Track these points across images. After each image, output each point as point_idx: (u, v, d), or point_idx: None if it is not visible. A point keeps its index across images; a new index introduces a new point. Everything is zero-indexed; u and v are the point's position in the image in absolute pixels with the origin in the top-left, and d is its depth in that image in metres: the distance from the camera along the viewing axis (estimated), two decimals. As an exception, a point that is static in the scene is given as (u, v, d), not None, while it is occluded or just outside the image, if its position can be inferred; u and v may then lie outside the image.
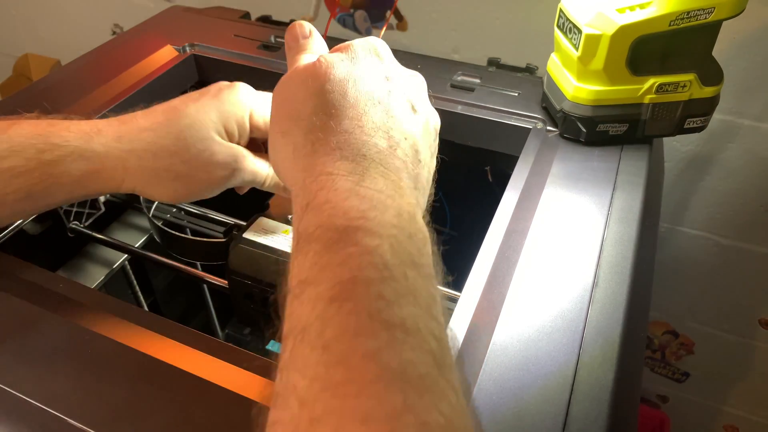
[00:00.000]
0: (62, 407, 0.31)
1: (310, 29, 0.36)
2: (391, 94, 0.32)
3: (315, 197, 0.26)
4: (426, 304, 0.24)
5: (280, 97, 0.33)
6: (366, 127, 0.29)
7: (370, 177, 0.27)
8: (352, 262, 0.23)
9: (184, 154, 0.39)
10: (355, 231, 0.24)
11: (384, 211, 0.26)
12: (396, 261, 0.24)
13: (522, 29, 0.77)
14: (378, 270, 0.23)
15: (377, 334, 0.21)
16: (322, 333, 0.21)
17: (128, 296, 0.61)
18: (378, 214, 0.25)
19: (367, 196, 0.26)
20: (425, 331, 0.22)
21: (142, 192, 0.40)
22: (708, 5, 0.45)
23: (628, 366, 0.35)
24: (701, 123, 0.52)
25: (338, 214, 0.25)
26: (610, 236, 0.43)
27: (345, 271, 0.23)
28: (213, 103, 0.41)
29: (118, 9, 1.07)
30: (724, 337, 0.96)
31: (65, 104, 0.54)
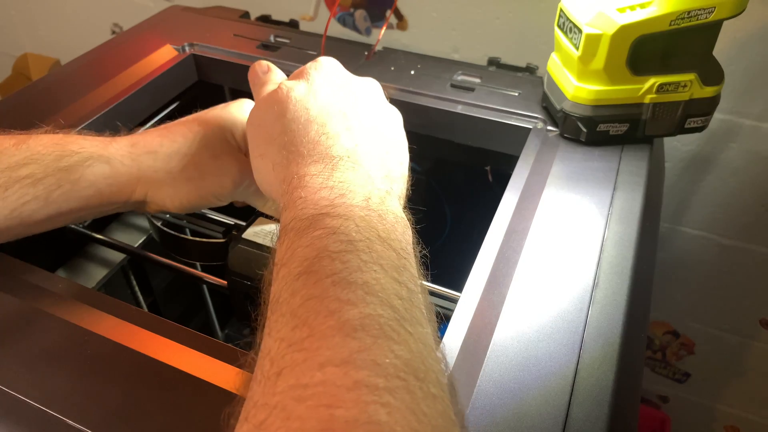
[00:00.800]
0: (61, 408, 0.31)
1: (268, 65, 0.40)
2: (348, 100, 0.35)
3: (290, 196, 0.29)
4: (392, 270, 0.26)
5: (253, 125, 0.36)
6: (331, 133, 0.33)
7: (340, 171, 0.30)
8: (318, 243, 0.26)
9: (196, 157, 0.41)
10: (323, 217, 0.27)
11: (352, 197, 0.28)
12: (361, 237, 0.26)
13: (522, 29, 0.77)
14: (342, 244, 0.25)
15: (338, 295, 0.23)
16: (289, 301, 0.24)
17: (128, 296, 0.61)
18: (346, 200, 0.28)
19: (336, 187, 0.29)
20: (389, 291, 0.24)
21: (153, 198, 0.41)
22: (708, 5, 0.45)
23: (628, 366, 0.35)
24: (702, 123, 0.52)
25: (309, 206, 0.28)
26: (611, 236, 0.43)
27: (311, 250, 0.25)
28: (223, 114, 0.44)
29: (117, 8, 1.07)
30: (724, 337, 0.96)
31: (65, 104, 0.54)
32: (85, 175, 0.39)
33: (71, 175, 0.38)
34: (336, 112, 0.34)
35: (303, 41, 0.65)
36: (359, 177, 0.30)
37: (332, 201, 0.28)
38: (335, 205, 0.28)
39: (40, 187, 0.38)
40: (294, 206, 0.29)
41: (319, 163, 0.31)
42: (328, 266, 0.24)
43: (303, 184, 0.30)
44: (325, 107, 0.34)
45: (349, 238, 0.26)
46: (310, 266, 0.25)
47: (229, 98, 0.70)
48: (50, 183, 0.38)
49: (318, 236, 0.26)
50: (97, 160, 0.39)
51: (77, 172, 0.39)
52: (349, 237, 0.26)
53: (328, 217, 0.27)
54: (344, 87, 0.36)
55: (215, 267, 0.47)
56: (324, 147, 0.32)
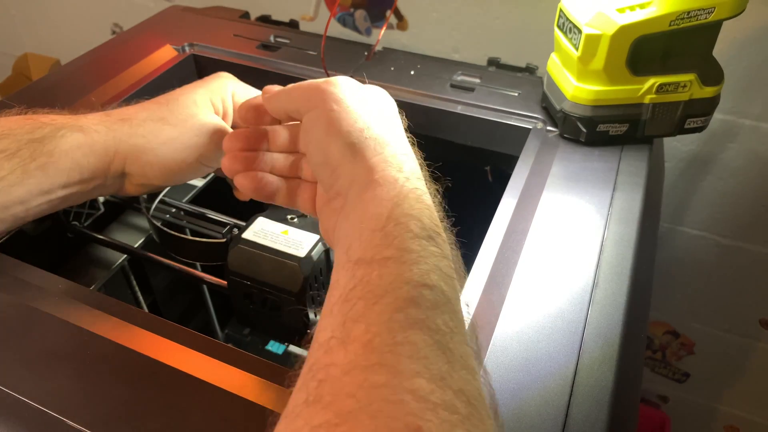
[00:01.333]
0: (61, 408, 0.31)
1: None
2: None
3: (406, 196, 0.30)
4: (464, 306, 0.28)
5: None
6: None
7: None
8: (432, 260, 0.27)
9: (172, 118, 0.41)
10: (437, 235, 0.28)
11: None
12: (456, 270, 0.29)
13: (522, 29, 0.77)
14: (448, 274, 0.27)
15: (438, 316, 0.25)
16: (394, 302, 0.24)
17: (128, 297, 0.61)
18: (445, 229, 0.31)
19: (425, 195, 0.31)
20: (465, 325, 0.26)
21: (133, 168, 0.41)
22: (708, 5, 0.45)
23: (628, 367, 0.35)
24: (701, 123, 0.52)
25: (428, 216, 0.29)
26: (610, 236, 0.43)
27: (425, 262, 0.26)
28: (199, 83, 0.44)
29: (117, 9, 1.07)
30: (724, 337, 0.96)
31: (65, 104, 0.54)
32: (60, 145, 0.38)
33: (45, 146, 0.38)
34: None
35: (303, 41, 0.65)
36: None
37: (441, 222, 0.30)
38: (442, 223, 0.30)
39: (16, 161, 0.37)
40: (410, 202, 0.29)
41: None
42: (438, 287, 0.26)
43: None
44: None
45: (454, 269, 0.28)
46: (425, 280, 0.25)
47: (229, 98, 0.70)
48: (25, 156, 0.37)
49: (433, 253, 0.27)
50: (70, 129, 0.39)
51: (51, 143, 0.38)
52: (455, 269, 0.28)
53: (440, 237, 0.28)
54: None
55: (215, 267, 0.47)
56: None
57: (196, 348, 0.35)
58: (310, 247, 0.42)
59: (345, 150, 0.32)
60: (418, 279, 0.25)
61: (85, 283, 0.54)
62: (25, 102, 0.50)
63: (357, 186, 0.31)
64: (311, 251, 0.42)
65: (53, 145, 0.38)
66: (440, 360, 0.22)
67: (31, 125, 0.38)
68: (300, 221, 0.45)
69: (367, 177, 0.30)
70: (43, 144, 0.38)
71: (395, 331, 0.23)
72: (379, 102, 0.35)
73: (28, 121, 0.38)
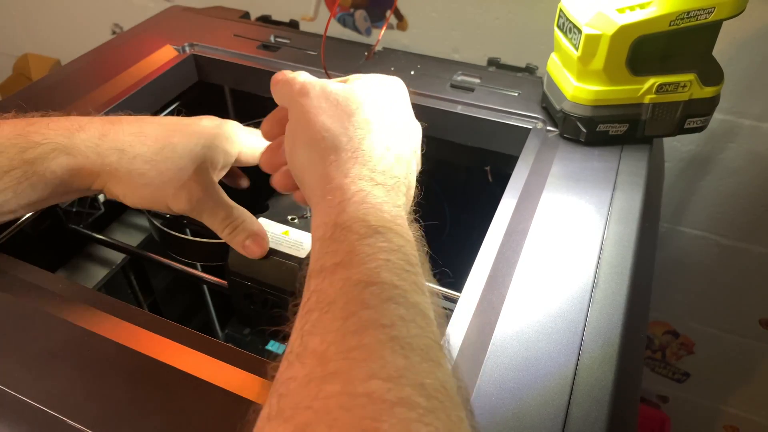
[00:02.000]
0: (61, 408, 0.31)
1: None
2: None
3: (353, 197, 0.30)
4: (430, 295, 0.28)
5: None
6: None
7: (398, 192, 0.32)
8: (381, 255, 0.27)
9: (162, 165, 0.41)
10: (387, 230, 0.28)
11: (404, 220, 0.30)
12: (415, 261, 0.28)
13: (522, 29, 0.77)
14: (400, 266, 0.27)
15: (391, 311, 0.24)
16: (344, 307, 0.25)
17: (128, 296, 0.61)
18: (402, 221, 0.30)
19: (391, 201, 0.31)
20: (432, 315, 0.26)
21: (110, 190, 0.41)
22: (708, 5, 0.45)
23: (627, 366, 0.35)
24: (701, 123, 0.52)
25: (372, 212, 0.29)
26: (610, 236, 0.43)
27: (372, 261, 0.26)
28: (207, 130, 0.43)
29: (118, 9, 1.07)
30: (724, 337, 0.96)
31: (65, 104, 0.54)
32: (50, 167, 0.39)
33: (37, 167, 0.39)
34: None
35: (303, 41, 0.65)
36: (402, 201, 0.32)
37: (393, 217, 0.29)
38: (397, 223, 0.29)
39: (7, 179, 0.38)
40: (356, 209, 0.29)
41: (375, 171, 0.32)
42: (389, 282, 0.25)
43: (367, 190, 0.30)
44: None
45: (408, 260, 0.27)
46: (372, 278, 0.25)
47: (230, 98, 0.70)
48: (17, 175, 0.38)
49: (382, 248, 0.27)
50: (62, 152, 0.39)
51: (42, 165, 0.39)
52: (409, 260, 0.27)
53: (391, 231, 0.28)
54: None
55: (215, 267, 0.47)
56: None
57: (196, 348, 0.35)
58: (310, 248, 0.42)
59: (305, 161, 0.33)
60: (367, 279, 0.25)
61: (85, 282, 0.54)
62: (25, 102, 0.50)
63: (314, 196, 0.32)
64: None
65: (44, 167, 0.39)
66: (396, 356, 0.22)
67: (24, 143, 0.39)
68: (300, 222, 0.45)
69: (321, 187, 0.31)
70: (34, 165, 0.39)
71: (348, 336, 0.23)
72: (351, 103, 0.34)
73: (20, 138, 0.39)
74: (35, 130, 0.40)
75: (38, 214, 0.49)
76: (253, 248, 0.41)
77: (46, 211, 0.49)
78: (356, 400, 0.21)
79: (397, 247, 0.27)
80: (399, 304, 0.25)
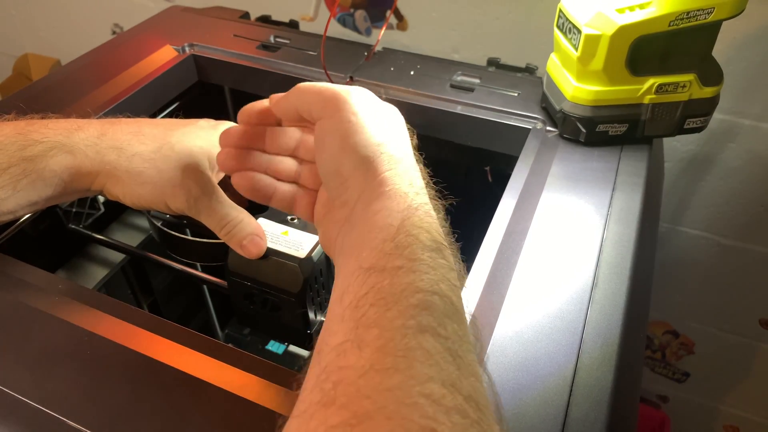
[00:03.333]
0: (60, 408, 0.31)
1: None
2: None
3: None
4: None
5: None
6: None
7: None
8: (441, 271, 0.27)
9: (160, 163, 0.41)
10: (444, 248, 0.29)
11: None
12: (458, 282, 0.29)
13: (522, 29, 0.77)
14: (455, 284, 0.28)
15: (448, 324, 0.25)
16: (406, 310, 0.25)
17: (128, 296, 0.61)
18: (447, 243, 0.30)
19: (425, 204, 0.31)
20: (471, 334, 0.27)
21: (109, 190, 0.41)
22: (708, 5, 0.45)
23: (627, 367, 0.35)
24: (701, 123, 0.52)
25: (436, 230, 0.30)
26: (610, 237, 0.43)
27: (435, 273, 0.27)
28: (204, 131, 0.43)
29: (118, 9, 1.07)
30: (724, 337, 0.96)
31: (65, 104, 0.54)
32: (50, 165, 0.39)
33: (36, 165, 0.39)
34: None
35: (303, 42, 0.65)
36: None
37: (444, 237, 0.30)
38: (447, 237, 0.30)
39: (6, 177, 0.38)
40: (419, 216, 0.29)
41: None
42: (448, 297, 0.26)
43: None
44: None
45: (458, 279, 0.28)
46: (435, 289, 0.26)
47: (229, 98, 0.70)
48: (16, 172, 0.38)
49: (442, 265, 0.28)
50: (61, 150, 0.40)
51: (41, 162, 0.39)
52: (458, 279, 0.28)
53: (447, 250, 0.29)
54: None
55: (215, 267, 0.47)
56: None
57: (196, 348, 0.35)
58: (310, 248, 0.42)
59: (359, 163, 0.32)
60: (429, 288, 0.26)
61: (85, 283, 0.54)
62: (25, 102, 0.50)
63: (366, 197, 0.31)
64: (311, 252, 0.42)
65: (43, 165, 0.39)
66: (450, 366, 0.23)
67: (23, 141, 0.39)
68: (300, 222, 0.45)
69: (377, 190, 0.31)
70: (33, 163, 0.39)
71: (408, 336, 0.24)
72: (391, 118, 0.35)
73: (19, 136, 0.39)
74: (35, 130, 0.40)
75: (38, 215, 0.49)
76: (250, 248, 0.41)
77: (45, 211, 0.49)
78: (415, 398, 0.21)
79: (451, 266, 0.28)
80: (454, 320, 0.25)
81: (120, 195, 0.41)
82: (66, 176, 0.40)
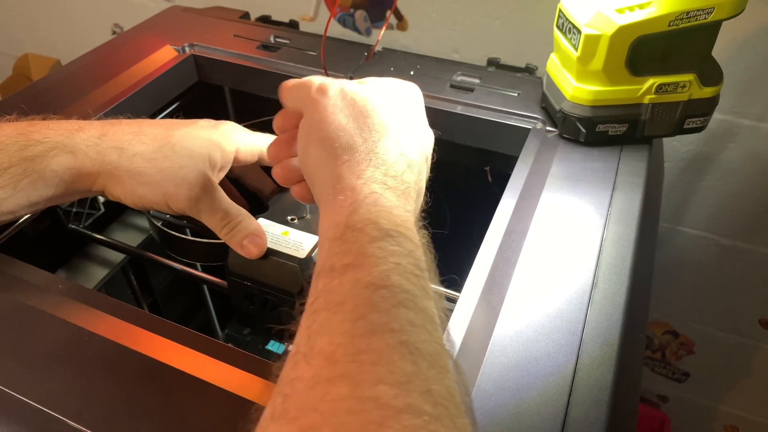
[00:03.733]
0: (61, 408, 0.31)
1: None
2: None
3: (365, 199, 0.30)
4: (437, 300, 0.28)
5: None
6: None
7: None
8: (392, 259, 0.26)
9: (161, 163, 0.41)
10: (398, 234, 0.28)
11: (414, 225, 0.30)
12: (423, 266, 0.28)
13: (522, 29, 0.77)
14: (410, 271, 0.27)
15: (401, 316, 0.24)
16: (354, 309, 0.24)
17: (128, 296, 0.61)
18: (412, 226, 0.30)
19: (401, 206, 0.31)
20: (437, 320, 0.26)
21: (110, 191, 0.42)
22: (707, 5, 0.45)
23: (627, 367, 0.35)
24: (701, 123, 0.52)
25: (383, 215, 0.29)
26: (610, 237, 0.43)
27: (384, 263, 0.26)
28: (205, 131, 0.44)
29: (118, 9, 1.07)
30: (724, 337, 0.96)
31: (65, 104, 0.55)
32: (50, 165, 0.39)
33: (37, 165, 0.39)
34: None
35: (303, 42, 0.65)
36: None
37: (404, 221, 0.29)
38: (408, 227, 0.29)
39: (7, 177, 0.38)
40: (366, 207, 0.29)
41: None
42: (399, 285, 0.25)
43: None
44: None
45: (418, 265, 0.27)
46: (383, 281, 0.25)
47: (229, 99, 0.70)
48: (17, 172, 0.38)
49: (393, 252, 0.27)
50: (62, 150, 0.40)
51: (42, 162, 0.39)
52: (419, 264, 0.27)
53: (402, 236, 0.28)
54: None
55: (215, 267, 0.47)
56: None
57: (196, 348, 0.35)
58: (310, 249, 0.42)
59: (318, 159, 0.32)
60: (378, 282, 0.25)
61: (85, 282, 0.54)
62: (25, 102, 0.50)
63: (324, 195, 0.31)
64: (312, 252, 0.42)
65: (44, 165, 0.39)
66: (405, 362, 0.22)
67: (24, 141, 0.39)
68: (300, 222, 0.45)
69: (332, 186, 0.31)
70: (34, 163, 0.39)
71: (357, 339, 0.23)
72: (368, 105, 0.34)
73: (20, 136, 0.39)
74: (36, 130, 0.40)
75: (38, 215, 0.49)
76: (250, 248, 0.42)
77: (46, 211, 0.50)
78: (363, 404, 0.21)
79: (407, 252, 0.27)
80: (408, 309, 0.25)
81: (121, 195, 0.41)
82: (67, 176, 0.40)
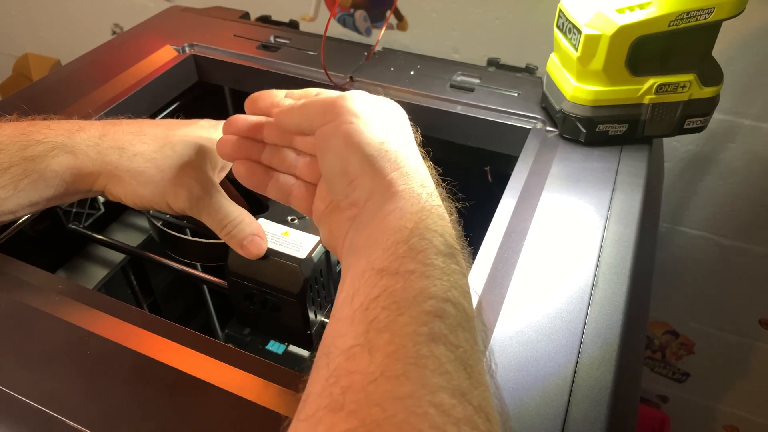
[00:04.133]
0: (61, 408, 0.31)
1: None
2: None
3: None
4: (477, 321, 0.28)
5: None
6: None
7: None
8: (454, 277, 0.27)
9: (162, 163, 0.41)
10: (457, 253, 0.28)
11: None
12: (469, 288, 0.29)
13: (522, 29, 0.77)
14: (466, 291, 0.28)
15: (460, 333, 0.25)
16: (419, 316, 0.25)
17: (128, 296, 0.61)
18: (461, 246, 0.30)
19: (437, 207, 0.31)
20: (480, 339, 0.27)
21: (110, 191, 0.42)
22: (708, 5, 0.45)
23: (627, 367, 0.35)
24: (701, 123, 0.52)
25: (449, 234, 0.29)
26: (610, 237, 0.43)
27: (447, 279, 0.27)
28: (205, 131, 0.44)
29: (118, 9, 1.07)
30: (724, 337, 0.96)
31: (65, 104, 0.55)
32: (51, 165, 0.39)
33: (37, 165, 0.39)
34: None
35: (303, 42, 0.65)
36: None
37: (457, 240, 0.29)
38: (459, 241, 0.30)
39: (7, 176, 0.38)
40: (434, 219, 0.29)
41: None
42: (459, 303, 0.26)
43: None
44: None
45: (468, 286, 0.28)
46: (448, 296, 0.26)
47: (230, 99, 0.70)
48: (17, 172, 0.39)
49: (454, 271, 0.27)
50: (62, 150, 0.40)
51: (43, 162, 0.39)
52: (468, 285, 0.28)
53: (459, 255, 0.28)
54: None
55: (215, 267, 0.47)
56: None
57: (196, 348, 0.35)
58: (310, 249, 0.42)
59: (364, 162, 0.31)
60: (442, 294, 0.26)
61: (85, 282, 0.54)
62: (26, 102, 0.50)
63: (377, 197, 0.31)
64: (312, 253, 0.42)
65: (45, 165, 0.39)
66: (461, 376, 0.23)
67: (25, 141, 0.39)
68: (300, 223, 0.45)
69: (388, 190, 0.30)
70: (35, 163, 0.39)
71: (420, 343, 0.23)
72: (393, 115, 0.35)
73: (21, 137, 0.39)
74: (36, 130, 0.40)
75: (38, 215, 0.49)
76: (250, 248, 0.41)
77: (46, 211, 0.49)
78: (426, 408, 0.21)
79: (462, 272, 0.28)
80: (465, 329, 0.25)
81: (122, 195, 0.41)
82: (67, 176, 0.40)
